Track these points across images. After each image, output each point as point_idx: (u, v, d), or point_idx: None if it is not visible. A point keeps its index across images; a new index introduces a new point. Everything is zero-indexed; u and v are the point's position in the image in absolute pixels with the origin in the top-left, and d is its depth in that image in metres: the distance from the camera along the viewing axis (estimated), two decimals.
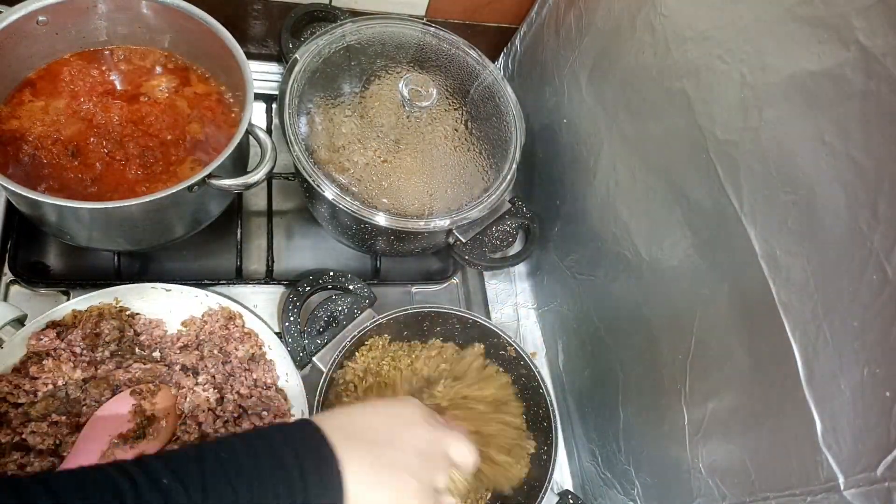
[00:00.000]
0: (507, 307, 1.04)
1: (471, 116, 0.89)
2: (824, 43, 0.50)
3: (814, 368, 0.51)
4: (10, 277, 0.82)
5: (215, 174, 0.70)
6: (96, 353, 0.75)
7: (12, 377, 0.71)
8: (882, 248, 0.46)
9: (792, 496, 0.53)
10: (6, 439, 0.68)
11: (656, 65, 0.70)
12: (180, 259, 0.91)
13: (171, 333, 0.80)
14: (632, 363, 0.78)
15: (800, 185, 0.52)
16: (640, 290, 0.76)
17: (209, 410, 0.75)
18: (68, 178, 0.74)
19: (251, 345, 0.80)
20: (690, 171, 0.65)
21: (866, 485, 0.47)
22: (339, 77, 0.87)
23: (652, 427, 0.75)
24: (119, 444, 0.69)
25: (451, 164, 0.86)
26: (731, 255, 0.60)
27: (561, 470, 0.94)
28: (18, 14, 0.72)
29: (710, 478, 0.64)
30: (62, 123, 0.76)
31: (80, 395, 0.72)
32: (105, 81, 0.81)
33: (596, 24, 0.82)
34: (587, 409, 0.90)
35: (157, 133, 0.79)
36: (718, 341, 0.63)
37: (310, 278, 0.86)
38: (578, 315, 0.91)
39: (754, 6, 0.57)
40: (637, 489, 0.77)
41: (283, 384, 0.80)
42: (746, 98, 0.57)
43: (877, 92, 0.46)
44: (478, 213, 0.84)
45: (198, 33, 0.79)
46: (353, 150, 0.83)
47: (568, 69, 0.89)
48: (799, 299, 0.53)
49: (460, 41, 0.94)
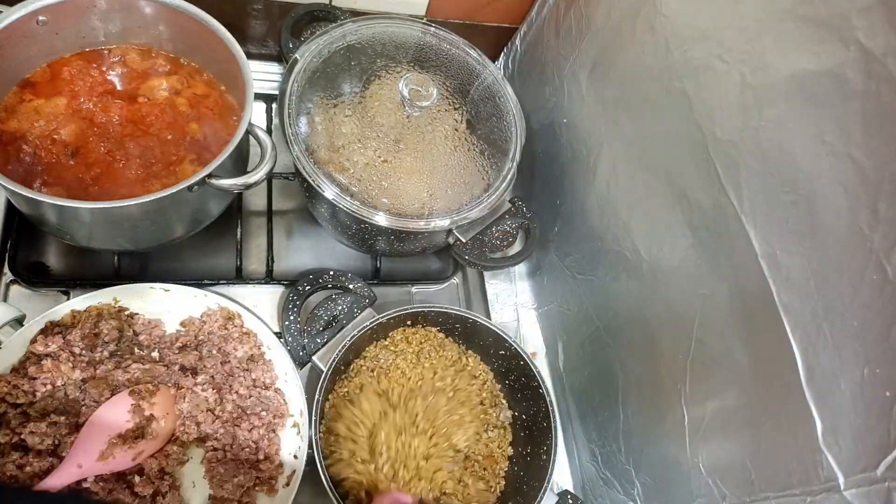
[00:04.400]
0: (507, 307, 1.04)
1: (471, 116, 0.89)
2: (824, 43, 0.50)
3: (814, 368, 0.51)
4: (10, 277, 0.82)
5: (215, 174, 0.70)
6: (95, 354, 0.74)
7: (11, 377, 0.71)
8: (882, 248, 0.46)
9: (792, 496, 0.53)
10: (5, 439, 0.68)
11: (656, 65, 0.70)
12: (180, 259, 0.91)
13: (171, 333, 0.80)
14: (632, 363, 0.78)
15: (800, 185, 0.52)
16: (640, 290, 0.76)
17: (208, 411, 0.75)
18: (68, 178, 0.74)
19: (250, 345, 0.80)
20: (690, 171, 0.65)
21: (866, 485, 0.47)
22: (339, 77, 0.87)
23: (652, 427, 0.75)
24: (118, 444, 0.69)
25: (451, 164, 0.86)
26: (731, 255, 0.60)
27: (561, 470, 0.93)
28: (18, 14, 0.72)
29: (710, 477, 0.64)
30: (62, 123, 0.76)
31: (79, 396, 0.72)
32: (105, 81, 0.81)
33: (596, 23, 0.82)
34: (587, 409, 0.90)
35: (157, 133, 0.79)
36: (718, 341, 0.63)
37: (310, 277, 0.86)
38: (578, 315, 0.91)
39: (754, 6, 0.57)
40: (637, 489, 0.77)
41: (282, 384, 0.80)
42: (746, 98, 0.57)
43: (877, 92, 0.46)
44: (478, 213, 0.84)
45: (198, 33, 0.79)
46: (353, 150, 0.83)
47: (568, 69, 0.89)
48: (799, 299, 0.53)
49: (460, 41, 0.94)
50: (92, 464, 0.68)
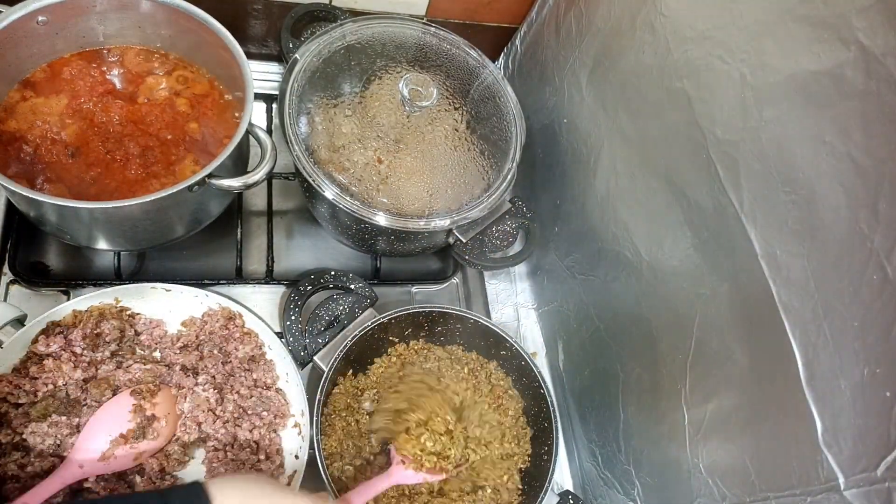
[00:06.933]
0: (507, 307, 1.04)
1: (471, 116, 0.89)
2: (824, 43, 0.50)
3: (814, 368, 0.51)
4: (10, 277, 0.82)
5: (215, 174, 0.70)
6: (97, 353, 0.75)
7: (12, 377, 0.71)
8: (882, 248, 0.46)
9: (792, 496, 0.53)
10: (6, 439, 0.68)
11: (656, 65, 0.70)
12: (180, 259, 0.91)
13: (172, 333, 0.80)
14: (632, 363, 0.78)
15: (800, 185, 0.52)
16: (641, 290, 0.76)
17: (209, 411, 0.75)
18: (68, 178, 0.74)
19: (251, 345, 0.80)
20: (690, 170, 0.65)
21: (866, 485, 0.47)
22: (339, 77, 0.87)
23: (652, 427, 0.75)
24: (119, 444, 0.69)
25: (451, 164, 0.86)
26: (731, 255, 0.60)
27: (561, 470, 0.94)
28: (18, 14, 0.72)
29: (710, 477, 0.64)
30: (62, 123, 0.76)
31: (80, 396, 0.72)
32: (105, 81, 0.81)
33: (596, 23, 0.82)
34: (587, 409, 0.90)
35: (157, 133, 0.79)
36: (718, 341, 0.63)
37: (311, 277, 0.86)
38: (578, 315, 0.91)
39: (754, 6, 0.57)
40: (637, 489, 0.77)
41: (282, 384, 0.80)
42: (746, 98, 0.57)
43: (877, 92, 0.46)
44: (478, 213, 0.84)
45: (198, 33, 0.79)
46: (353, 150, 0.83)
47: (568, 69, 0.89)
48: (799, 299, 0.53)
49: (460, 41, 0.94)
50: (93, 464, 0.68)
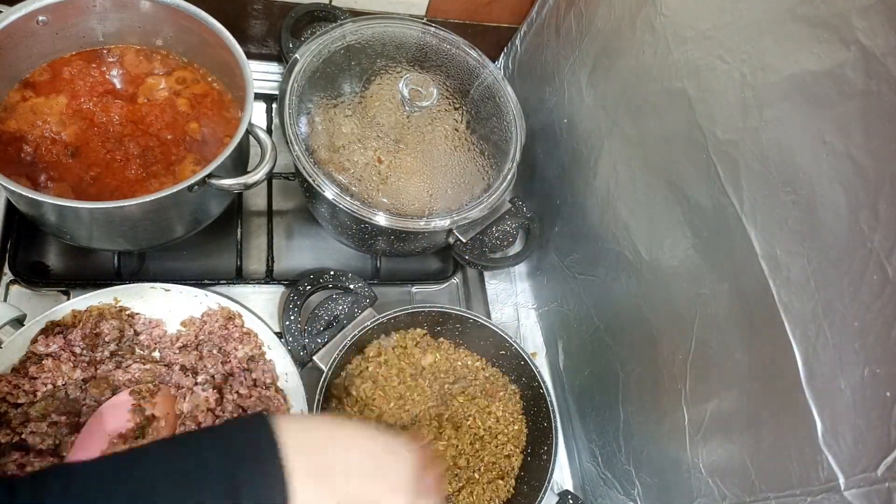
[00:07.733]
0: (507, 307, 1.04)
1: (471, 116, 0.89)
2: (824, 43, 0.50)
3: (814, 368, 0.51)
4: (10, 277, 0.82)
5: (215, 174, 0.70)
6: (96, 353, 0.75)
7: (12, 377, 0.71)
8: (882, 248, 0.46)
9: (792, 496, 0.53)
10: (6, 439, 0.68)
11: (656, 65, 0.70)
12: (180, 259, 0.91)
13: (171, 333, 0.80)
14: (632, 363, 0.78)
15: (800, 185, 0.52)
16: (640, 290, 0.76)
17: (209, 410, 0.75)
18: (68, 178, 0.74)
19: (251, 345, 0.80)
20: (690, 171, 0.65)
21: (866, 485, 0.47)
22: (339, 77, 0.87)
23: (652, 427, 0.75)
24: (119, 444, 0.69)
25: (451, 164, 0.86)
26: (731, 255, 0.60)
27: (561, 470, 0.93)
28: (18, 14, 0.72)
29: (710, 477, 0.64)
30: (62, 123, 0.76)
31: (79, 395, 0.72)
32: (105, 81, 0.81)
33: (596, 24, 0.82)
34: (587, 409, 0.90)
35: (157, 133, 0.79)
36: (718, 341, 0.63)
37: (311, 277, 0.86)
38: (578, 315, 0.91)
39: (754, 6, 0.57)
40: (637, 489, 0.77)
41: (282, 384, 0.80)
42: (746, 98, 0.57)
43: (877, 92, 0.46)
44: (478, 213, 0.84)
45: (198, 33, 0.79)
46: (353, 150, 0.83)
47: (568, 69, 0.89)
48: (799, 299, 0.53)
49: (460, 41, 0.94)
50: None
